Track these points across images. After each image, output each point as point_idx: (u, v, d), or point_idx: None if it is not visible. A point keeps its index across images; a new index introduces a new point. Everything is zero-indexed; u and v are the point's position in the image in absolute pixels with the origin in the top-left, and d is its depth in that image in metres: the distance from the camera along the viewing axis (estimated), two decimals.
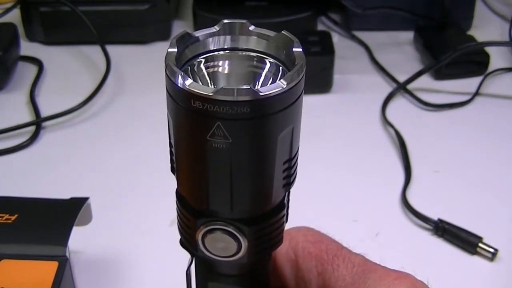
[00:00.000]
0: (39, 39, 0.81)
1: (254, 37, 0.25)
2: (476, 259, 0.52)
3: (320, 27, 0.85)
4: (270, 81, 0.25)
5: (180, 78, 0.22)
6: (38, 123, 0.67)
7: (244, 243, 0.25)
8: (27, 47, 0.79)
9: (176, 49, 0.23)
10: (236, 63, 0.25)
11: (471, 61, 0.75)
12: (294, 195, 0.27)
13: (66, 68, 0.77)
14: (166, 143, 0.26)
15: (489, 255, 0.51)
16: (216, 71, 0.25)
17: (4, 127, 0.65)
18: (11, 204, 0.47)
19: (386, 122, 0.67)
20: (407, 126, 0.66)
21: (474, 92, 0.72)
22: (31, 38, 0.81)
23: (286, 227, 0.28)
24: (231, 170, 0.23)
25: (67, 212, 0.45)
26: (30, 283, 0.41)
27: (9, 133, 0.65)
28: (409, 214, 0.56)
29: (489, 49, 0.76)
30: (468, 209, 0.57)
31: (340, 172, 0.61)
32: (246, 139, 0.23)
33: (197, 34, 0.25)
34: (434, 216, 0.54)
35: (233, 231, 0.25)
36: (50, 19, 0.79)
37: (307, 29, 0.80)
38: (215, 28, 0.25)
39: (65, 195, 0.48)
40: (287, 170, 0.25)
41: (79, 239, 0.45)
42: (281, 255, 0.31)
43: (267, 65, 0.25)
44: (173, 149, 0.25)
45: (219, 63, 0.25)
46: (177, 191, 0.26)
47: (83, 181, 0.60)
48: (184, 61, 0.24)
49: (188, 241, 0.27)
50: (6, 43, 0.73)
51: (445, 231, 0.53)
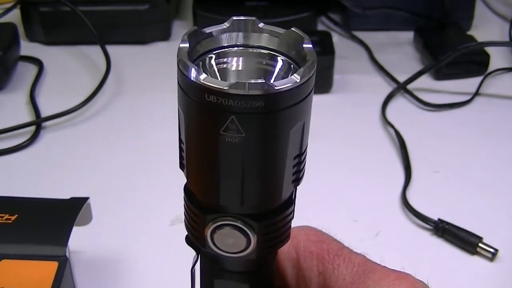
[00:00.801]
0: (39, 39, 0.81)
1: (266, 34, 0.25)
2: (476, 259, 0.52)
3: (320, 27, 0.85)
4: (280, 79, 0.24)
5: (194, 72, 0.22)
6: (38, 123, 0.67)
7: (254, 239, 0.25)
8: (27, 47, 0.79)
9: (187, 44, 0.23)
10: (247, 60, 0.25)
11: (471, 61, 0.75)
12: None
13: (66, 68, 0.77)
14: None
15: (489, 255, 0.51)
16: (227, 67, 0.25)
17: (4, 127, 0.65)
18: (11, 204, 0.47)
19: (386, 122, 0.67)
20: (407, 126, 0.66)
21: (474, 92, 0.72)
22: (31, 38, 0.81)
23: None
24: (243, 164, 0.23)
25: (67, 212, 0.45)
26: (30, 283, 0.41)
27: (9, 133, 0.65)
28: (409, 214, 0.56)
29: (489, 49, 0.76)
30: (468, 209, 0.57)
31: (340, 172, 0.61)
32: (259, 133, 0.23)
33: (209, 30, 0.25)
34: (434, 216, 0.54)
35: (242, 226, 0.25)
36: (50, 19, 0.79)
37: (307, 29, 0.80)
38: (225, 25, 0.25)
39: (65, 195, 0.48)
40: (297, 166, 0.25)
41: (79, 239, 0.45)
42: (283, 253, 0.31)
43: (279, 63, 0.25)
44: (183, 145, 0.25)
45: (230, 59, 0.25)
46: (185, 187, 0.26)
47: (83, 181, 0.60)
48: (195, 56, 0.24)
49: (196, 238, 0.27)
50: (6, 43, 0.73)
51: (445, 231, 0.53)
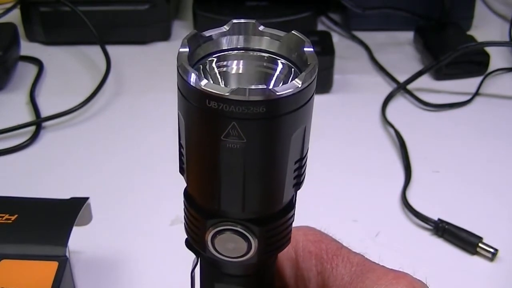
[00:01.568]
0: (39, 39, 0.81)
1: (267, 37, 0.25)
2: (476, 259, 0.52)
3: (320, 27, 0.85)
4: (281, 83, 0.24)
5: (194, 77, 0.22)
6: (38, 123, 0.67)
7: (255, 244, 0.25)
8: (27, 47, 0.79)
9: (187, 49, 0.23)
10: (248, 63, 0.25)
11: (471, 61, 0.75)
12: None
13: (66, 68, 0.77)
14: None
15: (489, 255, 0.51)
16: (228, 70, 0.25)
17: (4, 127, 0.65)
18: (11, 204, 0.47)
19: (386, 122, 0.67)
20: (407, 126, 0.66)
21: (474, 92, 0.72)
22: (31, 38, 0.81)
23: None
24: (244, 170, 0.23)
25: (67, 212, 0.45)
26: (30, 283, 0.41)
27: (9, 133, 0.65)
28: (409, 214, 0.56)
29: (489, 49, 0.76)
30: (468, 209, 0.57)
31: (340, 172, 0.61)
32: (261, 139, 0.23)
33: (208, 33, 0.24)
34: (434, 216, 0.54)
35: (243, 231, 0.25)
36: (50, 19, 0.79)
37: (307, 29, 0.80)
38: (225, 28, 0.25)
39: (65, 195, 0.48)
40: (298, 170, 0.25)
41: (79, 239, 0.45)
42: (282, 254, 0.31)
43: (279, 66, 0.25)
44: (183, 150, 0.25)
45: (231, 62, 0.25)
46: (185, 191, 0.26)
47: (83, 181, 0.60)
48: (196, 60, 0.24)
49: (196, 242, 0.26)
50: (6, 43, 0.73)
51: (445, 231, 0.53)
